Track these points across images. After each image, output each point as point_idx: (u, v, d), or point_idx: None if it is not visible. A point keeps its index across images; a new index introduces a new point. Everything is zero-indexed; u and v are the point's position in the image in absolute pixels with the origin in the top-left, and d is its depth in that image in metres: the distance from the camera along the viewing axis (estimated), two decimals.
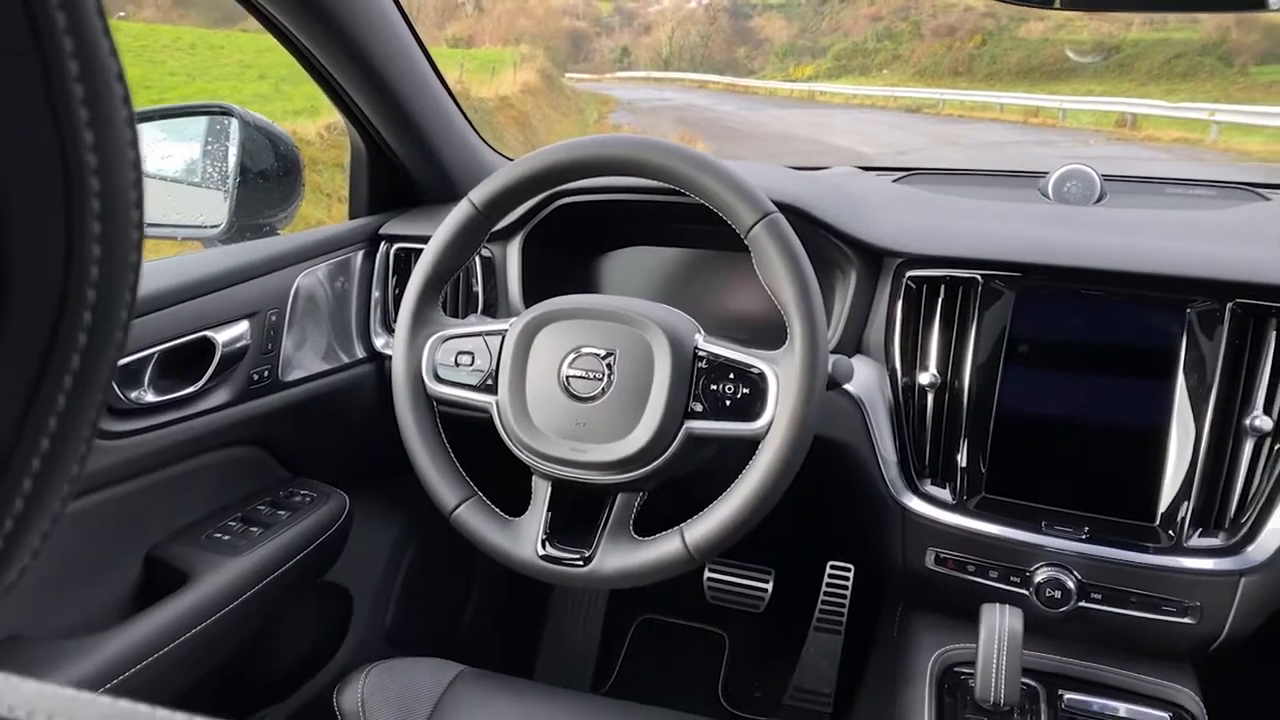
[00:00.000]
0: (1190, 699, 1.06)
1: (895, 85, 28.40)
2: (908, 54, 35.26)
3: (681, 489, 1.02)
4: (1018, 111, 19.05)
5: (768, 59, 39.60)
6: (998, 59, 30.98)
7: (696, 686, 1.80)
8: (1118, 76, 25.99)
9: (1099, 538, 1.05)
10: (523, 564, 1.00)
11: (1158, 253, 1.07)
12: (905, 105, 22.63)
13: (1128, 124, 15.52)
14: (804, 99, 26.66)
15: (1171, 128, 14.46)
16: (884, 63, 35.25)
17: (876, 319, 1.17)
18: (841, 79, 32.94)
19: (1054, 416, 1.10)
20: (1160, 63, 25.93)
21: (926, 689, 1.08)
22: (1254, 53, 24.84)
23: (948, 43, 33.87)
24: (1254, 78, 23.38)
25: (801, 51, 39.39)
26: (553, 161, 0.99)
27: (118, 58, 0.23)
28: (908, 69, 33.94)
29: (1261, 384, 1.01)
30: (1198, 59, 25.42)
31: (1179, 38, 27.15)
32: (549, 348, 0.99)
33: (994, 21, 33.65)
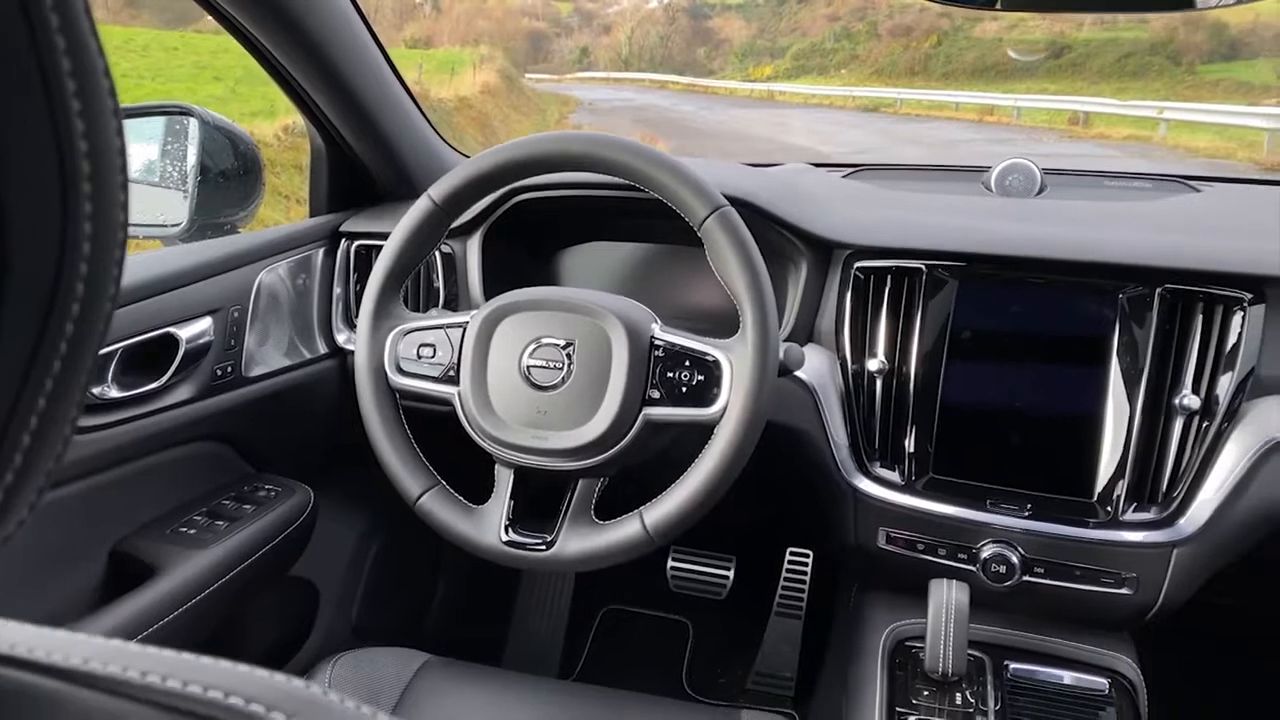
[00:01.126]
0: (1129, 666, 1.11)
1: (853, 85, 28.66)
2: (865, 54, 35.62)
3: (641, 476, 1.05)
4: (973, 110, 19.32)
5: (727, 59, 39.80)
6: (953, 58, 31.39)
7: (661, 674, 1.83)
8: (1070, 75, 26.44)
9: (1041, 514, 1.09)
10: (486, 550, 1.02)
11: (1093, 242, 1.12)
12: (863, 105, 22.85)
13: (1080, 122, 15.81)
14: (763, 99, 26.83)
15: (1122, 125, 14.75)
16: (842, 63, 35.57)
17: (827, 309, 1.21)
18: (800, 79, 33.18)
19: (996, 400, 1.14)
20: (1111, 62, 26.42)
21: (879, 663, 1.12)
22: (1200, 52, 25.42)
23: (904, 43, 34.26)
24: (1201, 76, 23.91)
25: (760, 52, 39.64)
26: (510, 158, 1.01)
27: (104, 55, 0.25)
28: (865, 69, 34.28)
29: (1189, 365, 1.06)
30: (1147, 58, 25.94)
31: (1129, 37, 27.69)
32: (510, 339, 1.01)
33: (949, 22, 34.10)
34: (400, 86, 1.36)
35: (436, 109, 13.87)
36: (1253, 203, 1.32)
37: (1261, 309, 1.05)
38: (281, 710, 0.26)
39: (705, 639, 1.88)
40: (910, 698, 1.06)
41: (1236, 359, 1.05)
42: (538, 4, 44.63)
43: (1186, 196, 1.31)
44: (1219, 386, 1.05)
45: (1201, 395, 1.05)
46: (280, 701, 0.26)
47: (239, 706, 0.26)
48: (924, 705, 1.05)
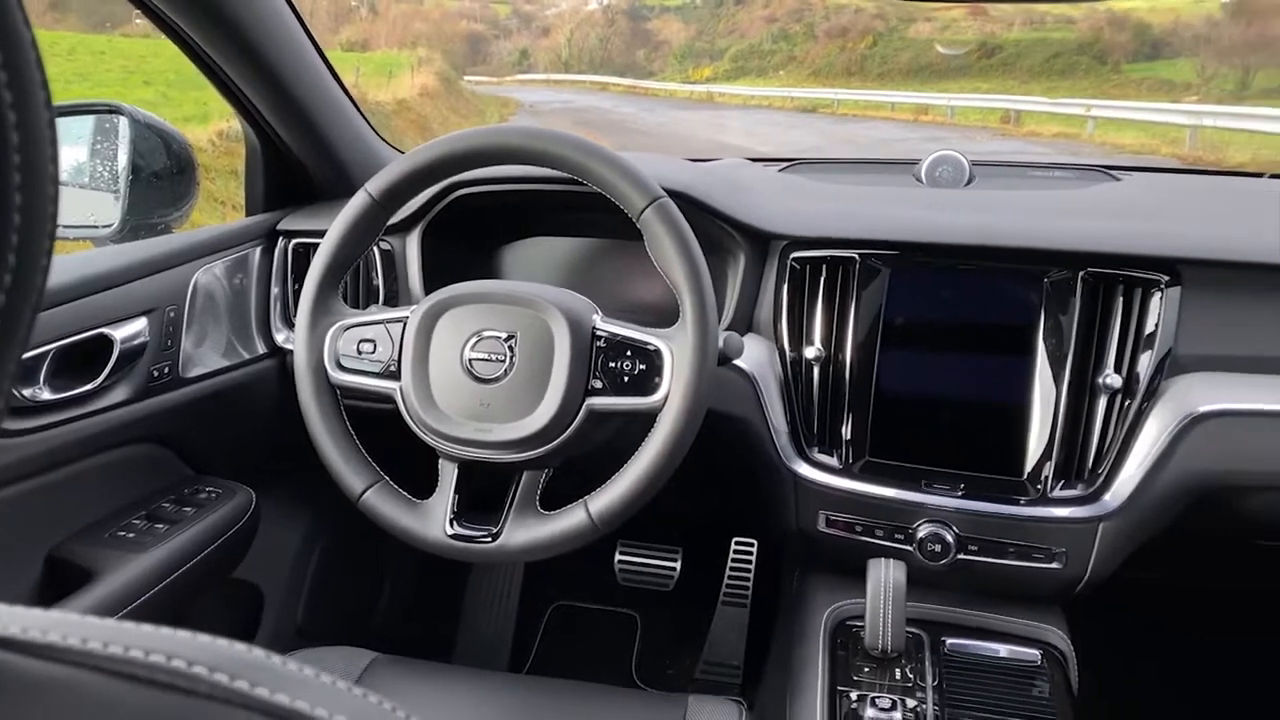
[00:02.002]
0: (1060, 637, 1.15)
1: (791, 86, 28.94)
2: (802, 55, 36.01)
3: (586, 466, 1.06)
4: (909, 110, 19.64)
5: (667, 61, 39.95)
6: (888, 59, 31.89)
7: (611, 667, 1.84)
8: (1002, 75, 27.01)
9: (973, 494, 1.13)
10: (432, 544, 1.02)
11: (1018, 229, 1.16)
12: (801, 105, 23.10)
13: (1012, 120, 16.17)
14: (703, 100, 26.97)
15: (1052, 123, 15.11)
16: (780, 64, 35.91)
17: (765, 299, 1.24)
18: (739, 80, 33.42)
19: (929, 384, 1.18)
20: (1040, 61, 27.06)
21: (820, 643, 1.15)
22: (1125, 51, 26.14)
23: (840, 44, 34.71)
24: (1126, 75, 24.60)
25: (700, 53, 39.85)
26: (447, 151, 1.02)
27: (37, 48, 0.26)
28: (803, 70, 34.66)
29: (1111, 345, 1.11)
30: (1075, 58, 26.61)
31: (1057, 37, 28.38)
32: (451, 332, 1.02)
33: (884, 23, 34.63)
34: (336, 84, 1.36)
35: (375, 112, 13.65)
36: (1170, 190, 1.38)
37: (1178, 291, 1.10)
38: (224, 671, 0.27)
39: (654, 631, 1.90)
40: (851, 675, 1.09)
41: (1155, 339, 1.09)
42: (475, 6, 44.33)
43: (1107, 185, 1.36)
44: (1139, 366, 1.10)
45: (1123, 375, 1.09)
46: (223, 664, 0.27)
47: (181, 669, 0.26)
48: (865, 682, 1.08)
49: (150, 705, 0.26)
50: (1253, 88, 21.21)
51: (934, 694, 1.06)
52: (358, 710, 0.29)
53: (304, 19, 1.28)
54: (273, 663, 0.29)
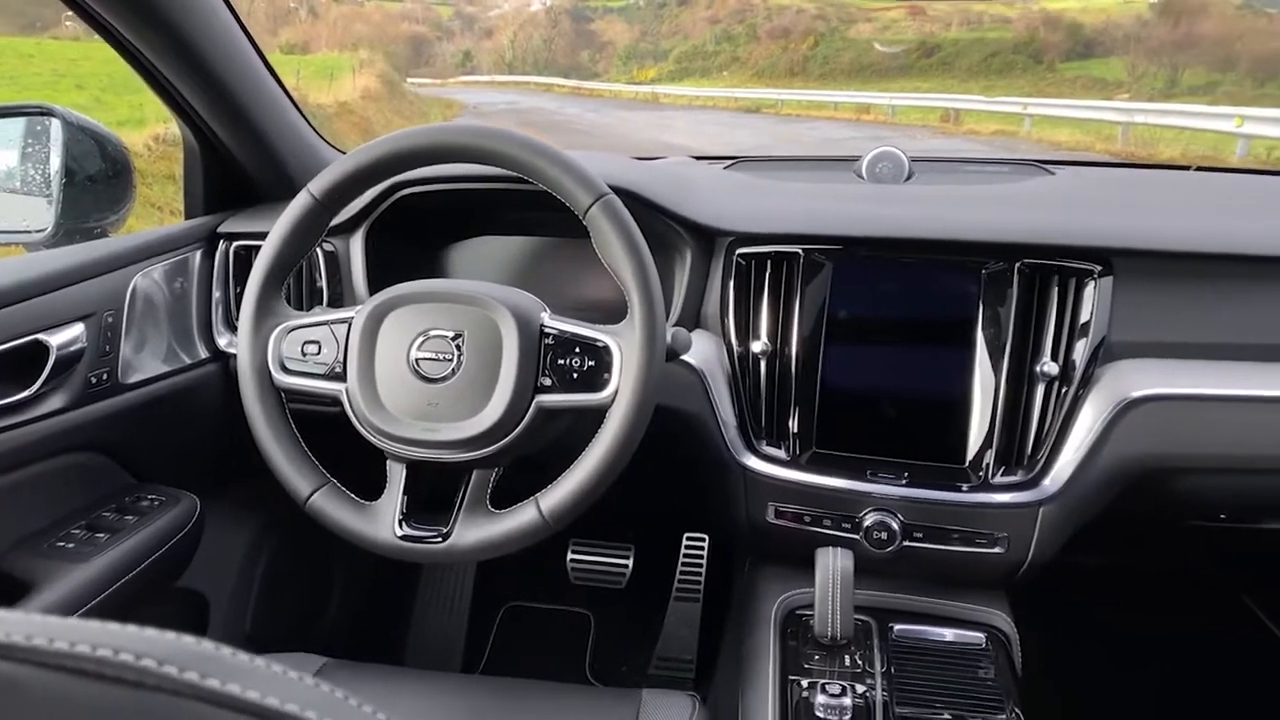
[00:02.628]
0: (1004, 620, 1.18)
1: (735, 86, 29.12)
2: (746, 56, 36.26)
3: (538, 464, 1.06)
4: (851, 109, 19.85)
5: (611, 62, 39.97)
6: (830, 59, 32.24)
7: (564, 666, 1.85)
8: (941, 74, 27.47)
9: (918, 482, 1.15)
10: (381, 545, 1.01)
11: (957, 222, 1.18)
12: (745, 106, 23.24)
13: (951, 119, 16.44)
14: (648, 101, 27.02)
15: (990, 121, 15.40)
16: (724, 64, 36.12)
17: (712, 294, 1.25)
18: (684, 81, 33.55)
19: (872, 375, 1.20)
20: (978, 61, 27.57)
21: (771, 633, 1.16)
22: (1059, 51, 26.75)
23: (783, 44, 35.02)
24: (1061, 73, 25.17)
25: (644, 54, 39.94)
26: (390, 150, 1.01)
27: None
28: (747, 70, 34.89)
29: (1048, 334, 1.14)
30: (1011, 57, 27.15)
31: (993, 37, 28.95)
32: (397, 332, 1.01)
33: (825, 24, 35.03)
34: (276, 84, 1.34)
35: (316, 115, 13.46)
36: (1102, 183, 1.42)
37: (1110, 281, 1.14)
38: (174, 664, 0.26)
39: (607, 629, 1.90)
40: (802, 663, 1.10)
41: (1090, 327, 1.13)
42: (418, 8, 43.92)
43: (1041, 179, 1.40)
44: (1075, 353, 1.13)
45: (1060, 363, 1.13)
46: (173, 656, 0.27)
47: (130, 663, 0.26)
48: (815, 669, 1.09)
49: (99, 700, 0.26)
50: (1181, 85, 21.86)
51: (883, 679, 1.08)
52: (308, 698, 0.29)
53: (242, 19, 1.26)
54: (223, 654, 0.29)
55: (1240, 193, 1.40)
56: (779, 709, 1.05)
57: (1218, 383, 1.11)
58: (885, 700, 1.05)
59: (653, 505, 1.80)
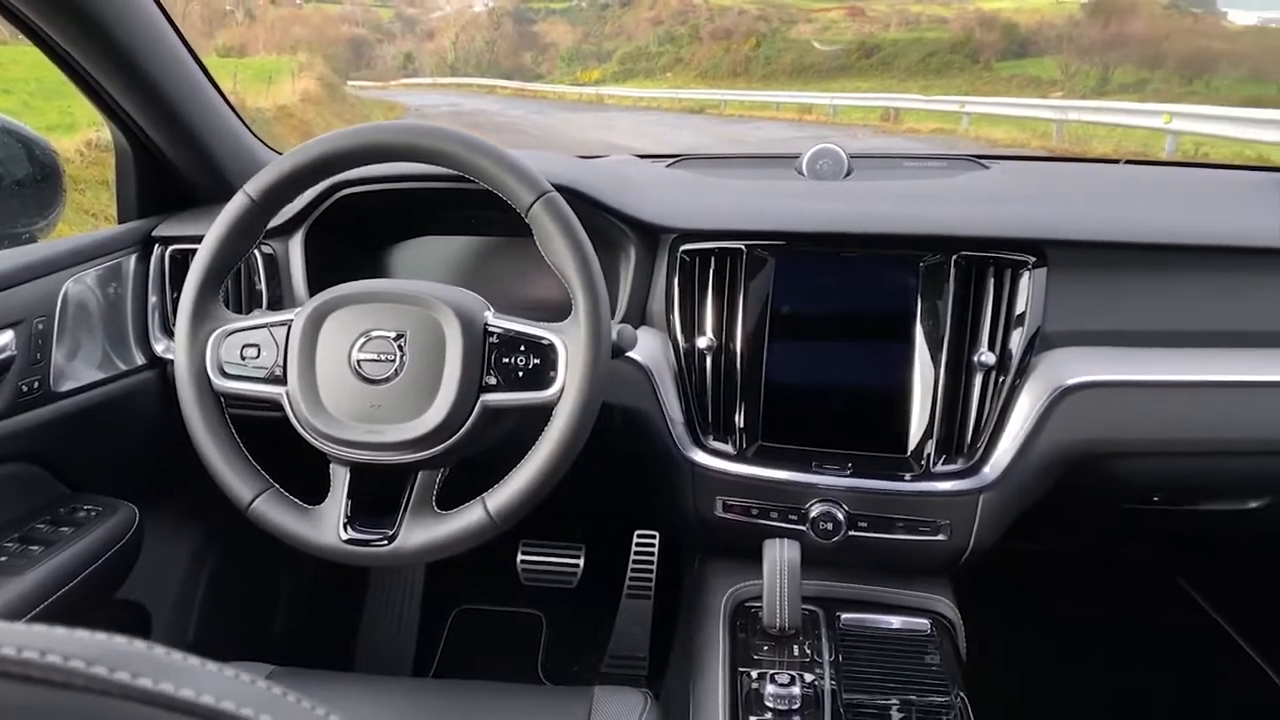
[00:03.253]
0: (948, 606, 1.21)
1: (679, 87, 29.19)
2: (689, 57, 36.37)
3: (484, 466, 1.06)
4: (793, 109, 20.03)
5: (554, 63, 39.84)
6: (772, 60, 32.48)
7: (516, 667, 1.84)
8: (880, 74, 27.83)
9: (861, 472, 1.17)
10: (326, 550, 1.00)
11: (895, 216, 1.21)
12: (689, 106, 23.33)
13: (891, 118, 16.67)
14: (593, 102, 26.99)
15: (929, 120, 15.65)
16: (667, 66, 36.19)
17: (657, 291, 1.26)
18: (628, 82, 33.56)
19: (815, 369, 1.22)
20: (916, 61, 27.98)
21: (720, 625, 1.17)
22: (995, 50, 27.25)
23: (725, 45, 35.21)
24: (997, 72, 25.64)
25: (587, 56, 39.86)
26: (328, 150, 1.00)
27: None
28: (690, 71, 35.00)
29: (984, 325, 1.16)
30: (948, 56, 27.60)
31: (931, 37, 29.41)
32: (337, 333, 1.00)
33: (766, 25, 35.29)
34: (210, 85, 1.32)
35: (255, 118, 13.23)
36: (1035, 177, 1.46)
37: (1044, 272, 1.17)
38: (104, 664, 0.26)
39: (559, 629, 1.90)
40: (751, 654, 1.11)
41: (1025, 318, 1.16)
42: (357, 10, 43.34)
43: (977, 173, 1.43)
44: (1011, 343, 1.16)
45: (996, 352, 1.15)
46: (103, 656, 0.26)
47: (58, 664, 0.26)
48: (764, 660, 1.10)
49: (26, 702, 0.25)
50: (1112, 83, 22.40)
51: (830, 668, 1.09)
52: (243, 695, 0.28)
53: (174, 21, 1.24)
54: (155, 654, 0.28)
55: (1168, 185, 1.45)
56: (729, 700, 1.06)
57: (1148, 369, 1.15)
58: (833, 688, 1.06)
59: (602, 503, 1.81)
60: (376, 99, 26.11)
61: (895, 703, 1.05)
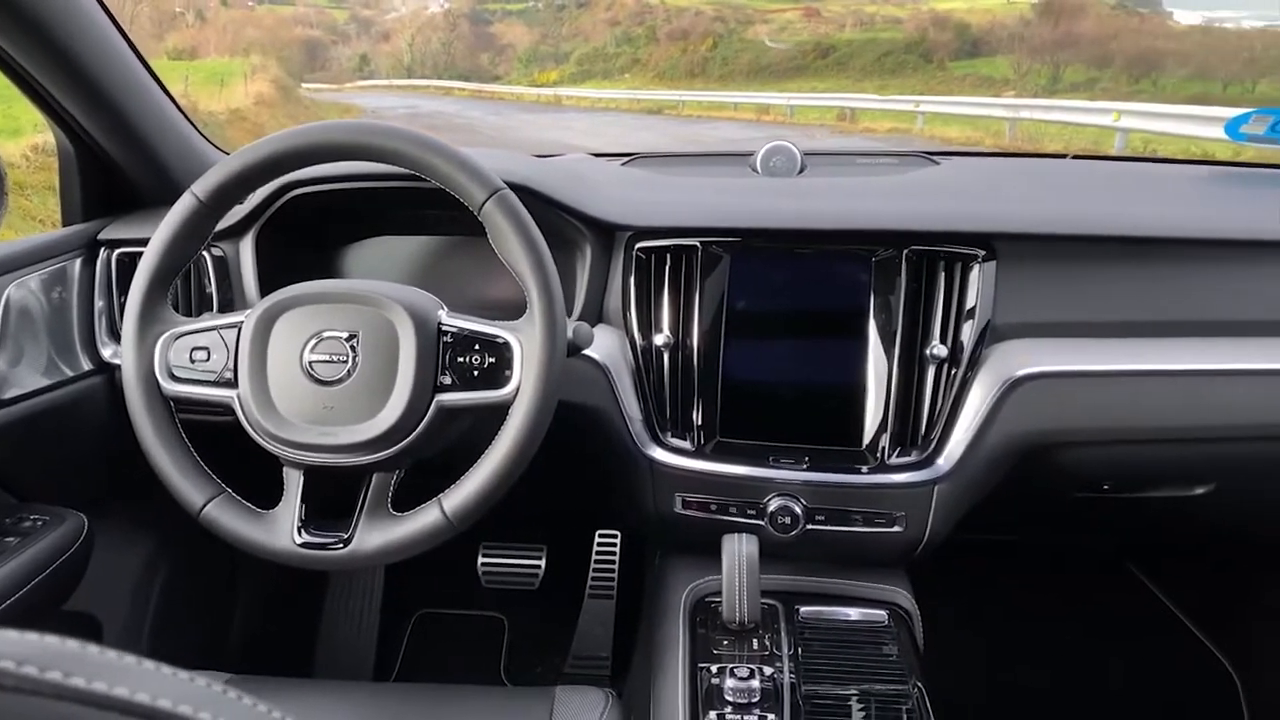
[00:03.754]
0: (905, 598, 1.22)
1: (637, 88, 29.20)
2: (646, 58, 36.40)
3: (442, 467, 1.06)
4: (751, 110, 20.12)
5: (512, 65, 39.65)
6: (729, 60, 32.61)
7: (478, 671, 1.83)
8: (836, 74, 28.03)
9: (818, 466, 1.19)
10: (280, 554, 0.99)
11: (847, 211, 1.22)
12: (648, 107, 23.35)
13: (848, 118, 16.81)
14: (551, 103, 26.90)
15: (885, 119, 15.80)
16: (625, 66, 36.19)
17: (613, 289, 1.26)
18: (586, 83, 33.50)
19: (772, 364, 1.23)
20: (871, 61, 28.23)
21: (681, 622, 1.18)
22: (949, 50, 27.60)
23: (682, 46, 35.28)
24: (951, 72, 25.96)
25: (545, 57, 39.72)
26: (276, 150, 0.99)
27: None
28: (648, 72, 35.02)
29: (936, 318, 1.18)
30: (903, 56, 27.89)
31: (885, 37, 29.69)
32: (289, 335, 0.99)
33: (723, 25, 35.44)
34: (157, 86, 1.30)
35: (208, 122, 13.07)
36: (984, 172, 1.48)
37: (993, 265, 1.19)
38: (34, 664, 0.26)
39: (521, 631, 1.90)
40: (711, 649, 1.12)
41: (976, 310, 1.17)
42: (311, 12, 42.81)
43: (927, 169, 1.45)
44: (963, 335, 1.17)
45: (948, 345, 1.17)
46: (32, 656, 0.26)
47: None
48: (724, 655, 1.11)
49: None
50: (1063, 82, 22.77)
51: (789, 661, 1.10)
52: (181, 693, 0.28)
53: (120, 22, 1.22)
54: (89, 652, 0.28)
55: (1115, 179, 1.48)
56: (689, 696, 1.06)
57: (1096, 359, 1.17)
58: (793, 681, 1.07)
59: (563, 503, 1.81)
60: (332, 101, 25.84)
61: (854, 693, 1.06)
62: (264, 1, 39.23)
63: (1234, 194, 1.40)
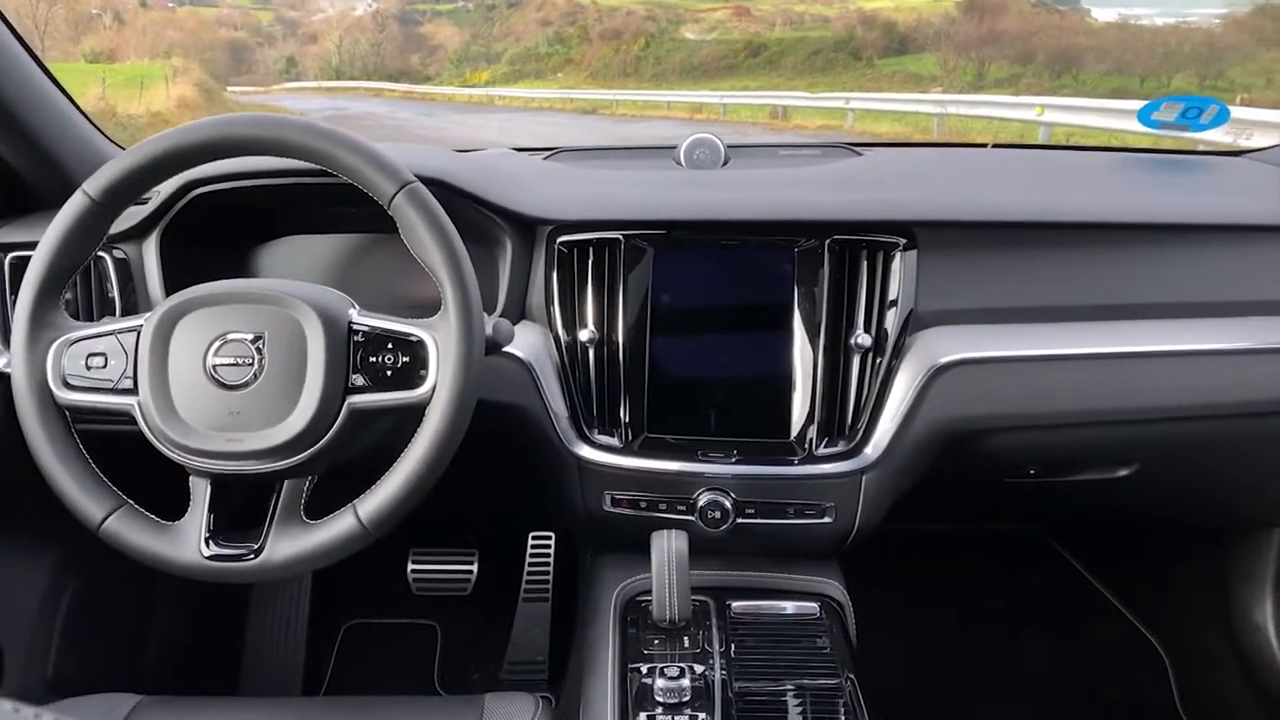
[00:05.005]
0: (837, 589, 1.22)
1: (570, 88, 29.12)
2: (579, 57, 36.33)
3: (360, 473, 1.02)
4: (685, 109, 20.19)
5: (443, 65, 39.26)
6: (662, 59, 32.70)
7: (412, 681, 1.80)
8: (768, 73, 28.27)
9: (746, 459, 1.18)
10: (186, 567, 0.95)
11: (770, 202, 1.22)
12: (582, 107, 23.31)
13: (780, 115, 16.97)
14: (484, 104, 26.70)
15: (816, 116, 15.98)
16: (558, 66, 36.07)
17: (536, 285, 1.24)
18: (519, 83, 33.30)
19: (698, 357, 1.22)
20: (802, 59, 28.53)
21: (611, 622, 1.16)
22: (876, 48, 28.01)
23: (615, 45, 35.27)
24: (879, 69, 26.34)
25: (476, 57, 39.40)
26: (171, 145, 0.95)
27: None
28: (581, 72, 34.95)
29: (860, 308, 1.18)
30: (832, 54, 28.23)
31: (815, 36, 30.03)
32: (191, 338, 0.95)
33: (655, 25, 35.52)
34: (50, 82, 1.24)
35: (127, 126, 12.70)
36: (906, 162, 1.49)
37: (914, 254, 1.19)
38: None
39: (455, 638, 1.87)
40: (642, 649, 1.10)
41: (898, 299, 1.18)
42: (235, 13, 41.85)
43: (850, 160, 1.45)
44: (887, 324, 1.17)
45: (872, 334, 1.17)
46: None
47: None
48: (655, 654, 1.09)
49: None
50: (988, 78, 23.27)
51: (721, 658, 1.09)
52: None
53: (8, 19, 1.16)
54: None
55: (1035, 167, 1.50)
56: (619, 698, 1.04)
57: (1019, 344, 1.18)
58: (724, 678, 1.06)
59: (492, 505, 1.78)
60: (258, 104, 25.33)
61: (787, 689, 1.06)
62: (185, 3, 38.29)
63: (1149, 179, 1.42)
